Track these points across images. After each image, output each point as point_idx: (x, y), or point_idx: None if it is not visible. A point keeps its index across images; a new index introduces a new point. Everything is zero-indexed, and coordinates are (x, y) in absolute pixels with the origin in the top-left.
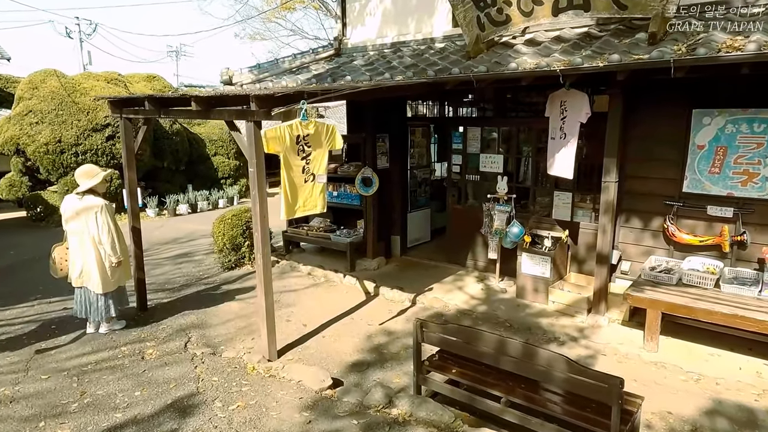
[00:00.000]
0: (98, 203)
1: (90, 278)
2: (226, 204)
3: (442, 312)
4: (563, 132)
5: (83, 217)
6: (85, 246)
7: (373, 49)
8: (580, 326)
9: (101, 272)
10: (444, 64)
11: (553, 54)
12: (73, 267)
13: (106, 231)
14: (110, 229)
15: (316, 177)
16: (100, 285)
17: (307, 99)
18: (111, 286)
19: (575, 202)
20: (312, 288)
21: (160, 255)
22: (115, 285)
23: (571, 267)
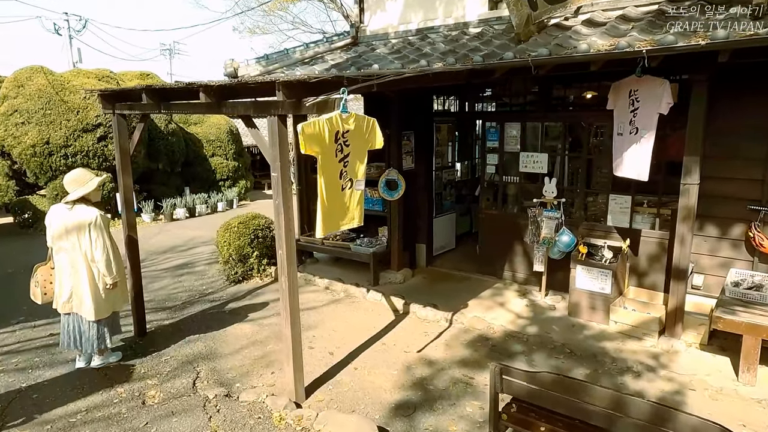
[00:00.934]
0: (91, 215)
1: (82, 303)
2: (225, 207)
3: (486, 334)
4: (634, 126)
5: (74, 232)
6: (77, 265)
7: (395, 36)
8: (653, 352)
9: (95, 295)
10: (490, 49)
11: (629, 33)
12: (61, 290)
13: (100, 247)
14: (105, 244)
15: (354, 183)
16: (93, 311)
17: (347, 86)
18: (105, 312)
19: (635, 206)
20: (332, 305)
21: (159, 266)
22: (109, 310)
23: (629, 280)
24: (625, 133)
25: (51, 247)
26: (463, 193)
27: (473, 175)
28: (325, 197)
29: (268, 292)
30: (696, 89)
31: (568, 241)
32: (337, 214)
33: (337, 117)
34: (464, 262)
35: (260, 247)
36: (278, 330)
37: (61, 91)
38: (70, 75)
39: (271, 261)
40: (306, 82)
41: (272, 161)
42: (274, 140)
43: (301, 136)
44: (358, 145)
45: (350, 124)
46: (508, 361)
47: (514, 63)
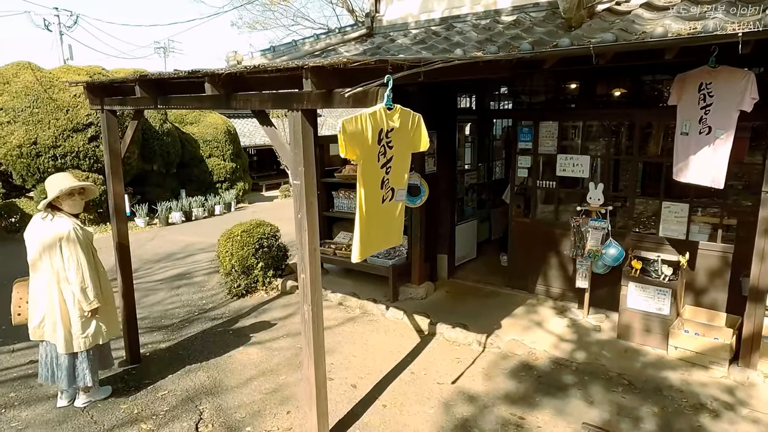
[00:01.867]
0: (64, 228)
1: (55, 331)
2: (223, 210)
3: (529, 361)
4: (705, 125)
5: (48, 247)
6: (50, 287)
7: (416, 26)
8: (726, 385)
9: (66, 324)
10: (536, 36)
11: (711, 16)
12: (33, 313)
13: (74, 267)
14: (80, 263)
15: (396, 192)
16: (63, 342)
17: (392, 73)
18: (83, 344)
19: (693, 215)
20: (348, 325)
21: (153, 276)
22: (89, 343)
23: (685, 298)
24: (693, 132)
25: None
26: (483, 197)
27: (490, 177)
28: (365, 212)
29: (275, 308)
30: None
31: (616, 255)
32: (377, 233)
33: (382, 111)
34: (489, 274)
35: (265, 257)
36: (291, 356)
37: (49, 88)
38: (59, 72)
39: (277, 273)
40: (340, 68)
41: (294, 166)
42: (297, 140)
43: (342, 136)
44: (402, 146)
45: (395, 121)
46: (561, 395)
47: (571, 51)
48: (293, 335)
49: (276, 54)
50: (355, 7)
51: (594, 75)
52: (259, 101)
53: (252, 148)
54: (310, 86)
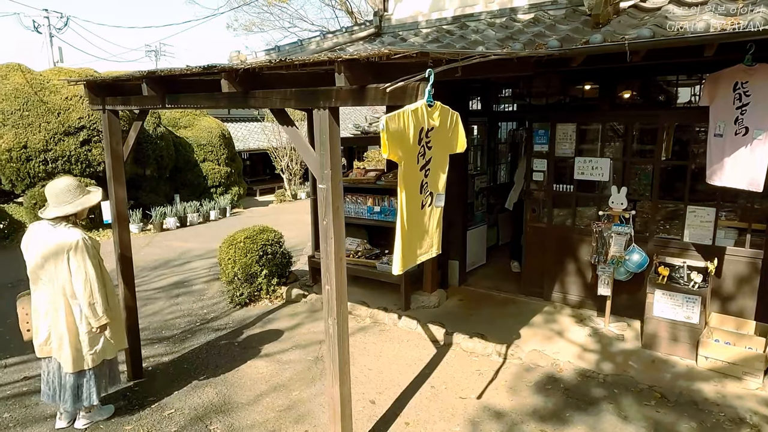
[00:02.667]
0: (72, 238)
1: (61, 349)
2: (218, 216)
3: (554, 373)
4: (742, 126)
5: (52, 258)
6: (56, 301)
7: (427, 25)
8: (764, 397)
9: (74, 342)
10: (562, 33)
11: (756, 11)
12: (38, 330)
13: (81, 280)
14: (89, 276)
15: (435, 198)
16: (71, 361)
17: (433, 67)
18: (91, 362)
19: (719, 220)
20: (359, 335)
21: (151, 284)
22: (96, 359)
23: (711, 306)
24: (728, 134)
25: (29, 276)
26: (492, 202)
27: (495, 181)
28: (406, 219)
29: (281, 318)
30: None
31: (640, 261)
32: (417, 241)
33: (423, 108)
34: (502, 281)
35: (269, 264)
36: (302, 370)
37: (40, 90)
38: (50, 74)
39: (281, 280)
40: (376, 62)
41: (320, 169)
42: (324, 141)
43: (385, 135)
44: (440, 147)
45: (435, 120)
46: (591, 409)
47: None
48: (303, 347)
49: (281, 53)
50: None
51: (615, 75)
52: (281, 99)
53: (246, 153)
54: (343, 81)
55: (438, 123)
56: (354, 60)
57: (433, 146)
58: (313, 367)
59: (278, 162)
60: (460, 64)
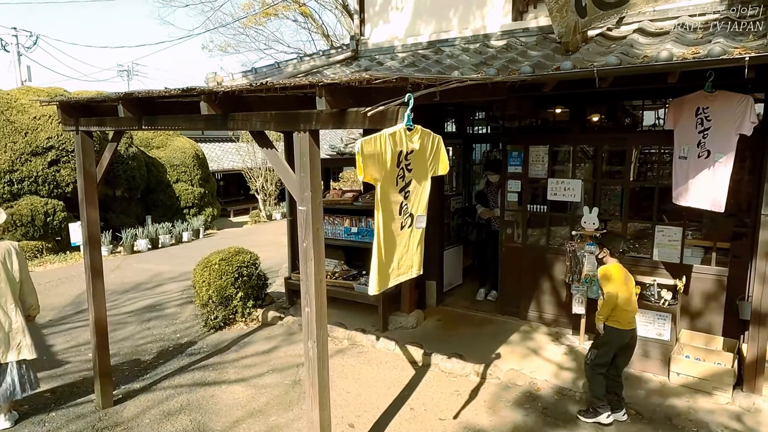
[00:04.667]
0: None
1: None
2: (191, 237)
3: (531, 392)
4: (704, 149)
5: None
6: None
7: (403, 49)
8: (733, 411)
9: None
10: (533, 60)
11: (715, 41)
12: None
13: None
14: None
15: (415, 219)
16: None
17: (413, 92)
18: None
19: (686, 239)
20: (337, 357)
21: (122, 309)
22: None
23: (681, 322)
24: (692, 156)
25: None
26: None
27: (470, 202)
28: (382, 240)
29: (257, 341)
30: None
31: None
32: (394, 262)
33: (401, 132)
34: (480, 301)
35: (245, 287)
36: (280, 394)
37: (7, 110)
38: (18, 93)
39: (257, 303)
40: (356, 86)
41: (300, 191)
42: (304, 163)
43: (360, 157)
44: (420, 170)
45: (414, 143)
46: (571, 427)
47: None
48: (280, 370)
49: (258, 75)
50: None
51: (585, 99)
52: (261, 122)
53: (220, 173)
54: (324, 105)
55: (418, 146)
56: (335, 84)
57: (413, 168)
58: (291, 391)
59: (253, 182)
60: (438, 89)
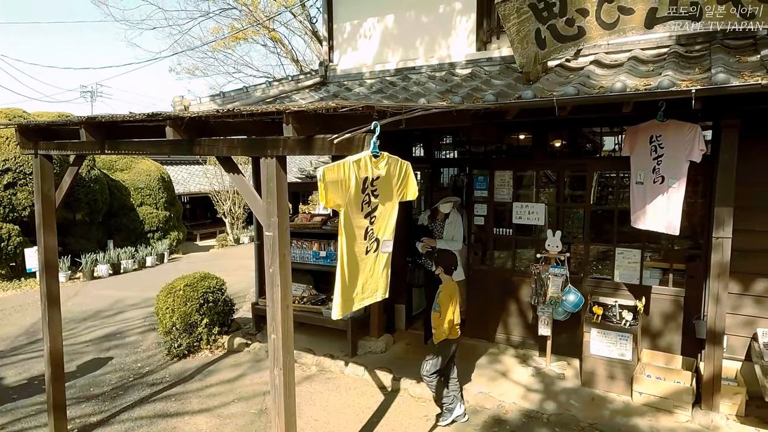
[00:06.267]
0: None
1: None
2: (155, 261)
3: (500, 415)
4: (659, 174)
5: None
6: None
7: (371, 76)
8: (693, 429)
9: None
10: (497, 89)
11: (664, 73)
12: None
13: None
14: None
15: (381, 244)
16: None
17: (379, 119)
18: None
19: (644, 260)
20: (305, 384)
21: (79, 338)
22: None
23: (642, 342)
24: (647, 181)
25: None
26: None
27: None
28: (346, 265)
29: (222, 369)
30: (727, 135)
31: (576, 301)
32: (360, 286)
33: (367, 159)
34: None
35: (210, 313)
36: (245, 424)
37: None
38: None
39: (223, 329)
40: (323, 114)
41: (266, 216)
42: (271, 189)
43: (322, 184)
44: (387, 195)
45: (381, 169)
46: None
47: (536, 102)
48: (246, 399)
49: (226, 99)
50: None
51: (547, 126)
52: (228, 147)
53: (186, 196)
54: (291, 132)
55: (384, 172)
56: (302, 112)
57: (379, 194)
58: (257, 420)
59: (220, 206)
60: (404, 117)
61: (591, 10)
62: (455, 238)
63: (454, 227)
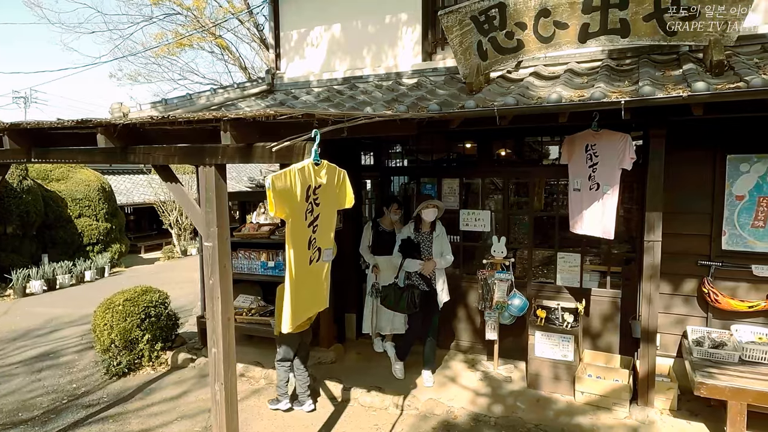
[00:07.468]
0: None
1: None
2: (95, 276)
3: (449, 420)
4: (594, 182)
5: None
6: None
7: (318, 84)
8: (631, 425)
9: None
10: (441, 98)
11: (595, 85)
12: None
13: None
14: None
15: (322, 253)
16: None
17: (319, 128)
18: None
19: (584, 264)
20: (253, 398)
21: (8, 359)
22: None
23: (583, 343)
24: (584, 188)
25: None
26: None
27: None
28: (294, 275)
29: (165, 387)
30: (654, 144)
31: (521, 305)
32: (306, 297)
33: (310, 167)
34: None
35: (153, 328)
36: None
37: None
38: None
39: (167, 345)
40: (263, 121)
41: (206, 226)
42: (210, 198)
43: (271, 192)
44: (328, 203)
45: (322, 177)
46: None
47: (478, 112)
48: (190, 416)
49: (168, 107)
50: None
51: (492, 135)
52: (164, 155)
53: (129, 207)
54: (229, 139)
55: (325, 181)
56: (240, 119)
57: (320, 203)
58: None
59: (166, 216)
60: (346, 125)
61: (529, 24)
62: (445, 254)
63: (443, 240)
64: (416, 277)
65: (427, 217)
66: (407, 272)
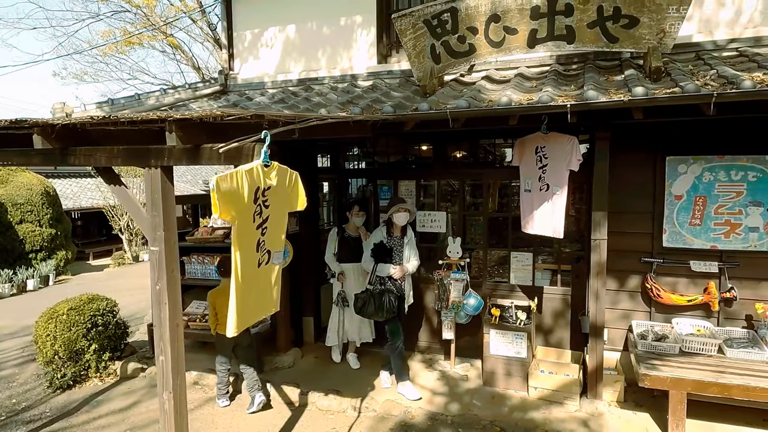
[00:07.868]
0: None
1: None
2: (38, 285)
3: (406, 421)
4: (544, 183)
5: None
6: None
7: (273, 86)
8: (581, 418)
9: None
10: (396, 100)
11: (542, 89)
12: None
13: None
14: None
15: (272, 255)
16: None
17: (269, 129)
18: None
19: (537, 263)
20: (207, 406)
21: None
22: None
23: (537, 340)
24: (534, 189)
25: None
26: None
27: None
28: (241, 278)
29: (114, 398)
30: (600, 146)
31: (476, 304)
32: (254, 301)
33: (258, 169)
34: None
35: (100, 338)
36: None
37: None
38: None
39: (115, 355)
40: (210, 122)
41: (151, 230)
42: (156, 201)
43: (215, 194)
44: (279, 206)
45: (272, 179)
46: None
47: (431, 114)
48: (140, 428)
49: (115, 107)
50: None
51: (447, 138)
52: (107, 157)
53: (76, 211)
54: (175, 141)
55: (276, 182)
56: (186, 120)
57: (270, 205)
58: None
59: (116, 221)
60: (297, 126)
61: (480, 29)
62: (413, 259)
63: (412, 246)
64: (390, 282)
65: (398, 221)
66: (379, 277)
